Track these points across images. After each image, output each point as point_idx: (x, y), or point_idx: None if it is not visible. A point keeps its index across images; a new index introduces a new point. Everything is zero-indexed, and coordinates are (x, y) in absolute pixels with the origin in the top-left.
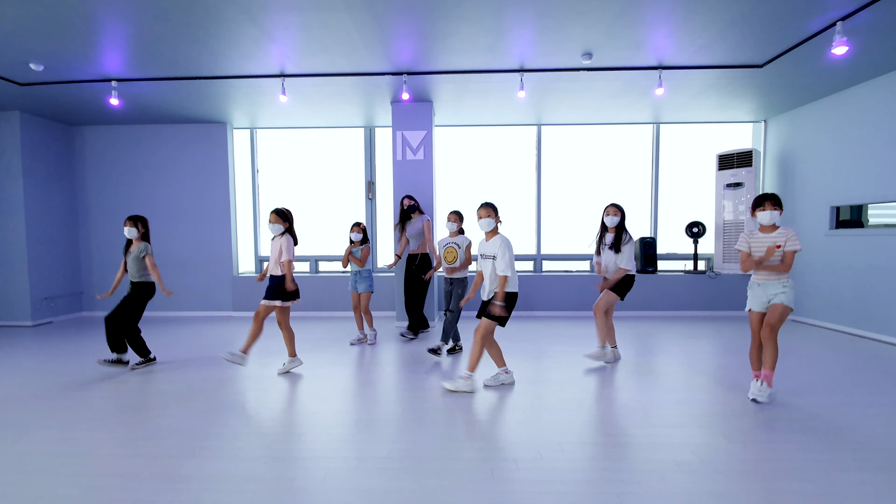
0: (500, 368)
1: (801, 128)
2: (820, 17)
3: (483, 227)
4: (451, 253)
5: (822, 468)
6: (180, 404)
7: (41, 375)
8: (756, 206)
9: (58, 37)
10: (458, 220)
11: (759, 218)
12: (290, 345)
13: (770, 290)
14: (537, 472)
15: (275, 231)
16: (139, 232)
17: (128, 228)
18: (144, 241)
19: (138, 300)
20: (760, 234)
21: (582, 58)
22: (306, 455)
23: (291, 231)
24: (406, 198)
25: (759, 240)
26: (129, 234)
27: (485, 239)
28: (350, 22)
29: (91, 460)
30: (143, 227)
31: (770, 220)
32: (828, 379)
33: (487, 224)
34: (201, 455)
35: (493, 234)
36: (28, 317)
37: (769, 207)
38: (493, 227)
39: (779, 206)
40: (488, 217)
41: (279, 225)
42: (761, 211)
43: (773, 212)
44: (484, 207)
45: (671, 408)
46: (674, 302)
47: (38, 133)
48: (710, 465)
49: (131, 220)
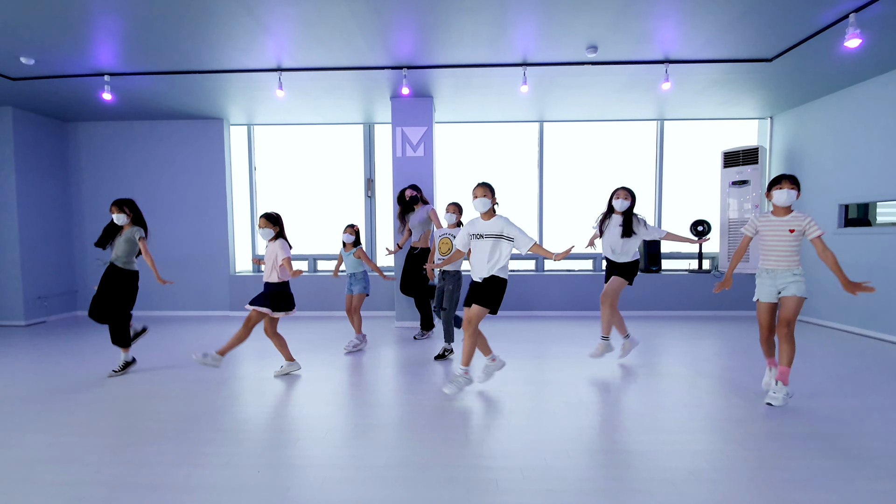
0: (486, 357)
1: (808, 124)
2: (832, 8)
3: (479, 207)
4: (445, 244)
5: (841, 476)
6: (171, 408)
7: (32, 377)
8: (773, 185)
9: (49, 29)
10: (457, 211)
11: (774, 198)
12: (285, 350)
13: (780, 280)
14: (545, 482)
15: (266, 236)
16: (128, 216)
17: (116, 215)
18: (136, 225)
19: (128, 290)
20: (773, 217)
21: (587, 51)
22: (301, 462)
23: (283, 235)
24: (410, 188)
25: (772, 223)
26: (119, 221)
27: (480, 219)
28: (348, 13)
29: (77, 468)
30: (130, 210)
31: (787, 201)
32: (840, 381)
33: (483, 204)
34: (192, 462)
35: (491, 215)
36: (21, 316)
37: (787, 186)
38: (489, 207)
39: (797, 185)
40: (484, 197)
41: (269, 230)
42: (778, 189)
43: (790, 191)
44: (481, 187)
45: (679, 412)
46: (678, 301)
47: (31, 129)
48: (724, 474)
49: (117, 206)
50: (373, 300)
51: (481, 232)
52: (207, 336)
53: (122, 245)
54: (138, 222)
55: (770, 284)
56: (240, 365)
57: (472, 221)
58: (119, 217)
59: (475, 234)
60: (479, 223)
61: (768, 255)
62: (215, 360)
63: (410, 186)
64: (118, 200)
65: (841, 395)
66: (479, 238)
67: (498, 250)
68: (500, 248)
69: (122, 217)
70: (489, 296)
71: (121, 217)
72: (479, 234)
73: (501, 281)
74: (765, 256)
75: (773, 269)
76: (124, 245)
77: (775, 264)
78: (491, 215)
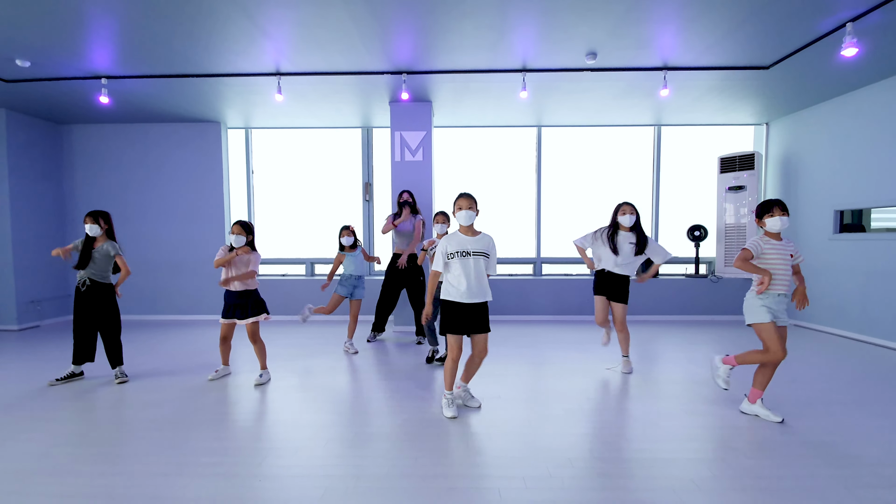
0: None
1: (804, 131)
2: (830, 17)
3: (465, 220)
4: None
5: (843, 484)
6: (166, 416)
7: (24, 383)
8: (765, 212)
9: (46, 32)
10: (446, 221)
11: (768, 225)
12: (265, 357)
13: (782, 304)
14: (548, 492)
15: (238, 243)
16: (102, 228)
17: (89, 226)
18: (110, 239)
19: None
20: (775, 242)
21: (586, 57)
22: (302, 472)
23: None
24: (406, 192)
25: (776, 247)
26: (92, 232)
27: (461, 233)
28: (348, 18)
29: (71, 479)
30: (105, 222)
31: (782, 227)
32: (838, 387)
33: (469, 217)
34: (190, 473)
35: (474, 230)
36: (14, 320)
37: (778, 213)
38: (473, 220)
39: (786, 212)
40: (470, 210)
41: (242, 237)
42: (770, 217)
43: (783, 217)
44: (467, 198)
45: (679, 419)
46: (675, 306)
47: (25, 131)
48: (727, 483)
49: (91, 217)
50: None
51: (467, 249)
52: (202, 340)
53: (100, 261)
54: (111, 236)
55: (776, 308)
56: (236, 375)
57: (452, 237)
58: (93, 228)
59: (460, 251)
60: (461, 239)
61: (776, 279)
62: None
63: (407, 191)
64: (93, 212)
65: (839, 401)
66: (465, 256)
67: (484, 270)
68: (485, 266)
69: (95, 228)
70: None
71: (94, 228)
72: (464, 252)
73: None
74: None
75: (782, 294)
76: (103, 261)
77: (784, 288)
78: (475, 230)
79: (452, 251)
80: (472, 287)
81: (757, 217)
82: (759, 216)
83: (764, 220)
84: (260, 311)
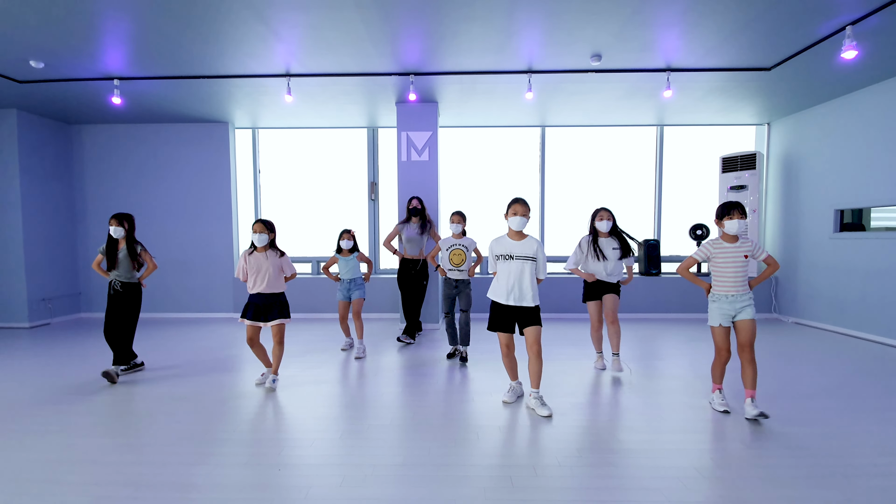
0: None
1: (805, 131)
2: (830, 21)
3: (517, 225)
4: (458, 255)
5: (842, 473)
6: (186, 409)
7: (40, 379)
8: (724, 215)
9: (60, 34)
10: (461, 221)
11: (726, 227)
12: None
13: (738, 304)
14: (558, 480)
15: (261, 242)
16: (125, 230)
17: (114, 228)
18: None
19: (136, 303)
20: (726, 244)
21: (591, 59)
22: (320, 461)
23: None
24: (416, 198)
25: (727, 250)
26: (116, 234)
27: (509, 237)
28: (359, 20)
29: (98, 468)
30: (129, 225)
31: (738, 230)
32: (837, 382)
33: (521, 223)
34: (212, 462)
35: (523, 234)
36: (25, 318)
37: (737, 216)
38: (524, 226)
39: (745, 215)
40: (524, 216)
41: (265, 235)
42: (729, 220)
43: (741, 221)
44: (522, 204)
45: (682, 412)
46: (677, 304)
47: (36, 131)
48: (730, 472)
49: (116, 219)
50: (378, 302)
51: (512, 253)
52: (213, 337)
53: (124, 262)
54: (131, 238)
55: (729, 309)
56: (250, 369)
57: (500, 240)
58: (117, 230)
59: (504, 254)
60: (507, 243)
61: (726, 281)
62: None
63: (416, 198)
64: (118, 214)
65: (837, 395)
66: (508, 259)
67: (529, 274)
68: (531, 270)
69: (119, 230)
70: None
71: (118, 230)
72: (507, 255)
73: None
74: (721, 283)
75: (734, 295)
76: (126, 261)
77: (734, 290)
78: (522, 234)
79: (498, 254)
80: (512, 290)
81: (717, 218)
82: (718, 217)
83: (723, 221)
84: (286, 313)
